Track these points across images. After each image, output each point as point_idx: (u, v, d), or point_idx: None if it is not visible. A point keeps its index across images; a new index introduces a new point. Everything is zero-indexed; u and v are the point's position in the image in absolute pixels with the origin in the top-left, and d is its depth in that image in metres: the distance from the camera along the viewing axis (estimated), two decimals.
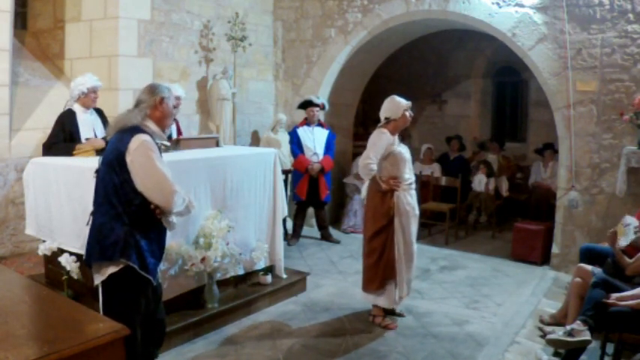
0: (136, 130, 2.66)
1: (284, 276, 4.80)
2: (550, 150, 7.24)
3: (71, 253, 3.72)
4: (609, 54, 5.21)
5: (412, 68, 9.47)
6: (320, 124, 6.56)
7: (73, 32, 5.75)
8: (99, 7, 5.53)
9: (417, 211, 4.27)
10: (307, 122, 6.51)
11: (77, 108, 4.40)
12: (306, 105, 6.51)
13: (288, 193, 6.35)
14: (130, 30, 5.56)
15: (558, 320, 4.10)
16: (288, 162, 6.55)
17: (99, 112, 4.55)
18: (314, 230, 6.95)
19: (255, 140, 7.28)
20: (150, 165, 2.61)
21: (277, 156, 4.84)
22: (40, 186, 4.07)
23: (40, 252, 4.00)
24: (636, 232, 3.73)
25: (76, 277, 3.72)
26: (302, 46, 7.35)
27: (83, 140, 4.28)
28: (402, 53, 8.22)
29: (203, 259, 3.88)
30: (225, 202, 4.26)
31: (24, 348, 1.72)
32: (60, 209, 3.88)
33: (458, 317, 4.42)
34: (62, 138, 4.25)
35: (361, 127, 9.26)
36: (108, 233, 2.62)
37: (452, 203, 6.99)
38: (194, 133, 6.27)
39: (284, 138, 6.66)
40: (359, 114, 8.71)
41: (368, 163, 4.05)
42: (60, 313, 2.09)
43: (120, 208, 2.63)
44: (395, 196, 4.08)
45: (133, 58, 5.62)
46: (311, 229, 7.02)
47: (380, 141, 4.08)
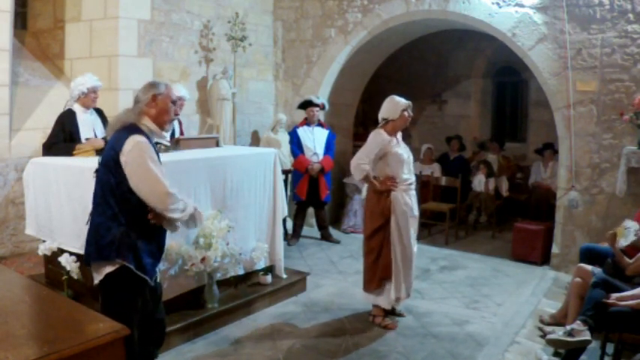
0: (133, 131, 2.66)
1: (284, 276, 4.80)
2: (550, 150, 7.24)
3: (71, 253, 3.73)
4: (609, 54, 5.21)
5: (412, 68, 9.46)
6: (320, 124, 6.56)
7: (73, 32, 5.75)
8: (99, 7, 5.53)
9: (417, 212, 4.24)
10: (307, 122, 6.50)
11: (77, 108, 4.40)
12: (306, 105, 6.50)
13: (288, 193, 6.35)
14: (130, 30, 5.56)
15: (558, 320, 4.10)
16: (288, 162, 6.55)
17: (99, 112, 4.55)
18: (314, 230, 6.95)
19: (255, 140, 7.28)
20: (143, 167, 2.61)
21: (277, 156, 4.84)
22: (40, 186, 4.07)
23: (40, 252, 4.00)
24: (636, 234, 3.73)
25: (76, 277, 3.73)
26: (302, 46, 7.35)
27: (83, 140, 4.28)
28: (402, 53, 8.22)
29: (203, 259, 3.88)
30: (225, 202, 4.26)
31: (24, 348, 1.72)
32: (60, 209, 3.88)
33: (458, 317, 4.42)
34: (62, 138, 4.25)
35: (361, 127, 9.26)
36: (105, 233, 2.63)
37: (452, 203, 6.99)
38: (194, 133, 6.27)
39: (284, 138, 6.66)
40: (359, 114, 8.71)
41: (359, 163, 4.09)
42: (60, 313, 2.09)
43: (116, 208, 2.63)
44: (391, 197, 4.08)
45: (133, 58, 5.62)
46: (311, 229, 7.02)
47: (373, 141, 4.10)
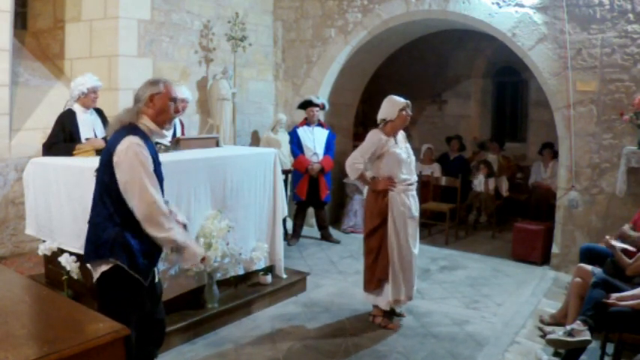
0: (130, 131, 2.64)
1: (284, 276, 4.80)
2: (548, 149, 7.24)
3: (71, 253, 3.73)
4: (609, 54, 5.21)
5: (412, 68, 9.46)
6: (320, 124, 6.56)
7: (73, 32, 5.75)
8: (99, 7, 5.53)
9: (416, 213, 4.19)
10: (307, 122, 6.50)
11: (77, 108, 4.40)
12: (306, 105, 6.50)
13: (288, 193, 6.35)
14: (130, 30, 5.56)
15: (558, 320, 4.10)
16: (288, 162, 6.55)
17: (99, 112, 4.55)
18: (314, 230, 6.95)
19: (255, 140, 7.28)
20: (133, 169, 2.57)
21: (277, 156, 4.84)
22: (40, 186, 4.07)
23: (40, 252, 4.00)
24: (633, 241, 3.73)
25: (76, 277, 3.72)
26: (302, 46, 7.35)
27: (83, 140, 4.28)
28: (402, 53, 8.22)
29: (203, 259, 3.85)
30: (225, 202, 4.26)
31: (24, 348, 1.71)
32: (60, 209, 3.88)
33: (458, 317, 4.42)
34: (62, 138, 4.25)
35: (361, 127, 9.24)
36: (101, 233, 2.63)
37: (452, 203, 6.99)
38: (194, 133, 6.27)
39: (284, 138, 6.66)
40: (359, 114, 8.70)
41: (353, 163, 4.12)
42: (60, 313, 2.09)
43: (112, 208, 2.63)
44: (389, 197, 4.08)
45: (133, 58, 5.62)
46: (311, 229, 7.02)
47: (369, 141, 4.11)
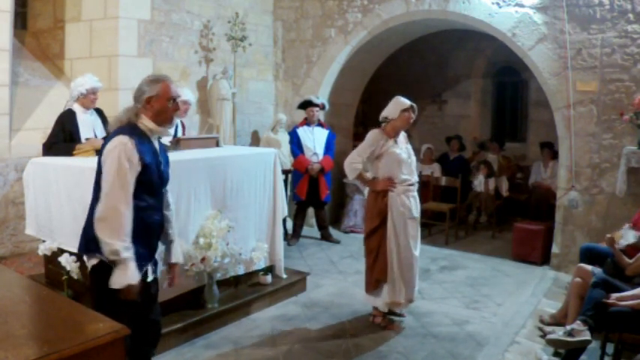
0: (125, 131, 2.64)
1: (284, 276, 4.79)
2: (547, 149, 7.23)
3: (71, 253, 3.72)
4: (609, 54, 5.21)
5: (412, 68, 9.46)
6: (320, 124, 6.56)
7: (73, 32, 5.75)
8: (99, 7, 5.53)
9: (417, 214, 4.16)
10: (307, 122, 6.50)
11: (77, 108, 4.40)
12: (305, 105, 6.50)
13: (288, 193, 6.35)
14: (130, 30, 5.56)
15: (558, 320, 4.10)
16: (288, 162, 6.55)
17: (99, 112, 4.55)
18: (314, 230, 6.95)
19: (255, 140, 7.28)
20: (110, 169, 2.57)
21: (277, 156, 4.84)
22: (40, 186, 4.07)
23: (40, 252, 4.00)
24: (635, 237, 3.73)
25: (76, 277, 3.72)
26: (302, 46, 7.35)
27: (83, 140, 4.28)
28: (402, 53, 8.22)
29: (203, 259, 3.88)
30: (225, 202, 4.26)
31: (24, 348, 1.71)
32: (60, 209, 3.88)
33: (458, 317, 4.42)
34: (62, 138, 4.25)
35: (361, 127, 9.24)
36: (90, 228, 2.64)
37: (452, 203, 6.99)
38: (194, 133, 6.27)
39: (284, 138, 6.66)
40: (359, 114, 8.70)
41: (351, 162, 4.10)
42: (60, 313, 2.09)
43: None
44: (388, 197, 4.06)
45: (133, 58, 5.62)
46: (311, 229, 7.02)
47: (367, 141, 4.10)
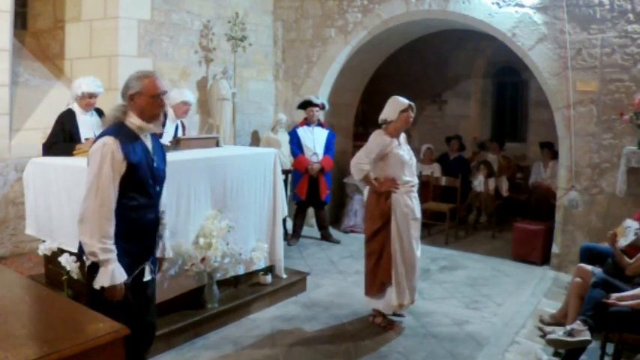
0: (112, 131, 2.63)
1: (284, 276, 4.79)
2: (547, 149, 7.23)
3: (71, 253, 3.72)
4: (609, 54, 5.21)
5: (412, 68, 9.46)
6: (320, 124, 6.56)
7: (73, 32, 5.76)
8: (99, 7, 5.53)
9: (418, 215, 4.18)
10: (307, 122, 6.50)
11: (77, 108, 4.40)
12: (305, 105, 6.50)
13: (288, 193, 6.35)
14: (130, 30, 5.56)
15: (558, 320, 4.10)
16: (288, 162, 6.55)
17: (99, 112, 4.55)
18: (314, 230, 6.95)
19: (255, 140, 7.28)
20: (92, 169, 2.58)
21: (277, 156, 4.84)
22: (40, 186, 4.07)
23: (40, 252, 4.00)
24: (636, 234, 3.73)
25: (76, 277, 3.72)
26: (302, 46, 7.35)
27: (83, 140, 4.27)
28: (402, 53, 8.22)
29: (203, 259, 3.88)
30: (225, 202, 4.26)
31: (24, 348, 1.71)
32: (60, 209, 3.88)
33: (458, 317, 4.42)
34: (62, 138, 4.25)
35: (361, 127, 9.26)
36: None
37: (452, 203, 6.99)
38: (194, 133, 6.27)
39: (284, 138, 6.66)
40: (359, 114, 8.71)
41: (359, 163, 4.08)
42: (60, 313, 2.09)
43: None
44: (392, 198, 4.06)
45: (133, 58, 5.62)
46: (311, 229, 7.02)
47: (373, 142, 4.09)
